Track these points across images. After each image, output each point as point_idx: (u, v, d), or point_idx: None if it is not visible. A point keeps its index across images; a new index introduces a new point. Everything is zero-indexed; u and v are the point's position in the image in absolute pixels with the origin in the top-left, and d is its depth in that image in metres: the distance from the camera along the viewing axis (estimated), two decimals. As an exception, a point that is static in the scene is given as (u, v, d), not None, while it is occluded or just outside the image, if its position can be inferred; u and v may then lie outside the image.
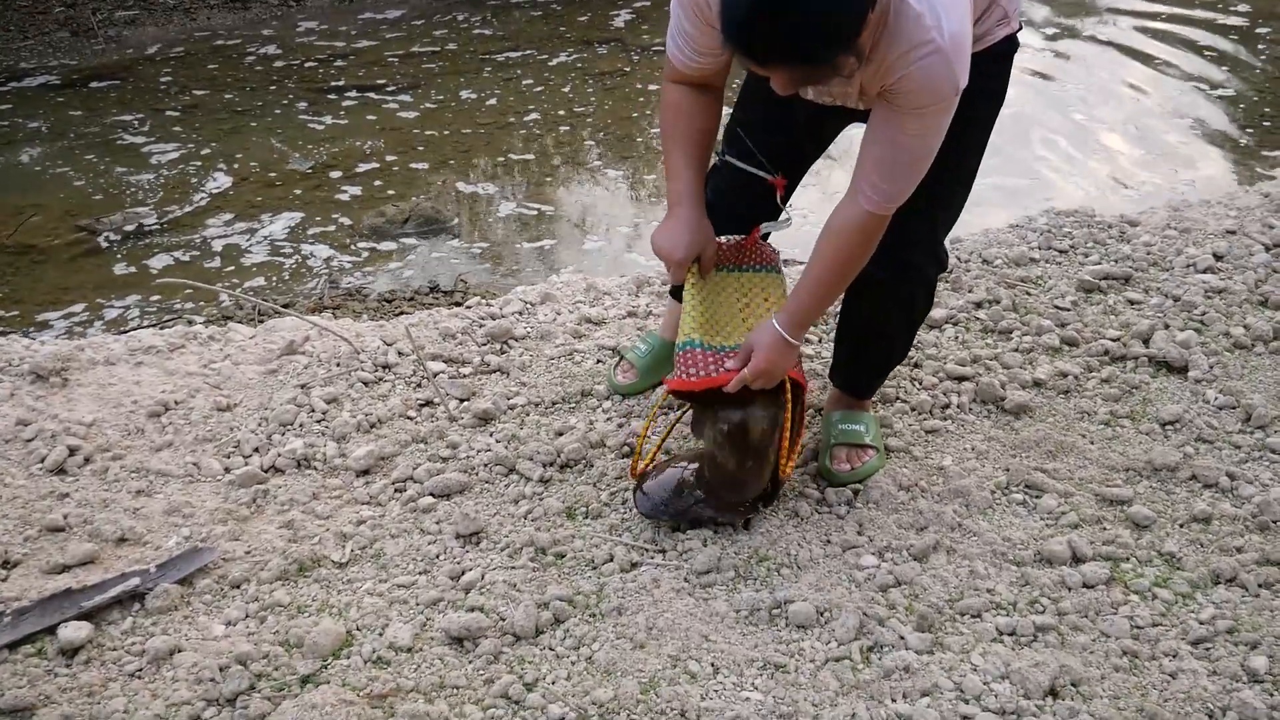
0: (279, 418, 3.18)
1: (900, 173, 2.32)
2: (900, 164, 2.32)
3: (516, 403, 3.23)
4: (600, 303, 3.88)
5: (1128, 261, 3.88)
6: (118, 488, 2.92)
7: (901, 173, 2.32)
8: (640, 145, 6.45)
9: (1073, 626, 2.40)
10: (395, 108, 7.14)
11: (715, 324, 2.68)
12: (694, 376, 2.53)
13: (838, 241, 2.45)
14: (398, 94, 7.38)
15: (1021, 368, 3.29)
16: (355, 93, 7.39)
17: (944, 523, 2.70)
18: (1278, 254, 3.90)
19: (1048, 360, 3.33)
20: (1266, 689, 2.23)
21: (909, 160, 2.31)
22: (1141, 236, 4.11)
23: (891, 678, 2.27)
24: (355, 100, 7.26)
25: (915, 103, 2.23)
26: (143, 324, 4.42)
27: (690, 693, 2.23)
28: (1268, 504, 2.71)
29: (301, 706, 2.21)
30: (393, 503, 2.87)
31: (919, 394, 3.17)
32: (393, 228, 5.35)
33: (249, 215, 5.58)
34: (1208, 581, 2.53)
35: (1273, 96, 6.77)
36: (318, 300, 4.59)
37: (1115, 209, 4.60)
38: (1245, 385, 3.20)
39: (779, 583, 2.54)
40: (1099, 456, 2.94)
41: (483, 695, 2.26)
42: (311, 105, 7.18)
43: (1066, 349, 3.40)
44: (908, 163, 2.31)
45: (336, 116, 6.98)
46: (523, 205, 5.70)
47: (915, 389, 3.21)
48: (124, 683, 2.31)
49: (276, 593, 2.56)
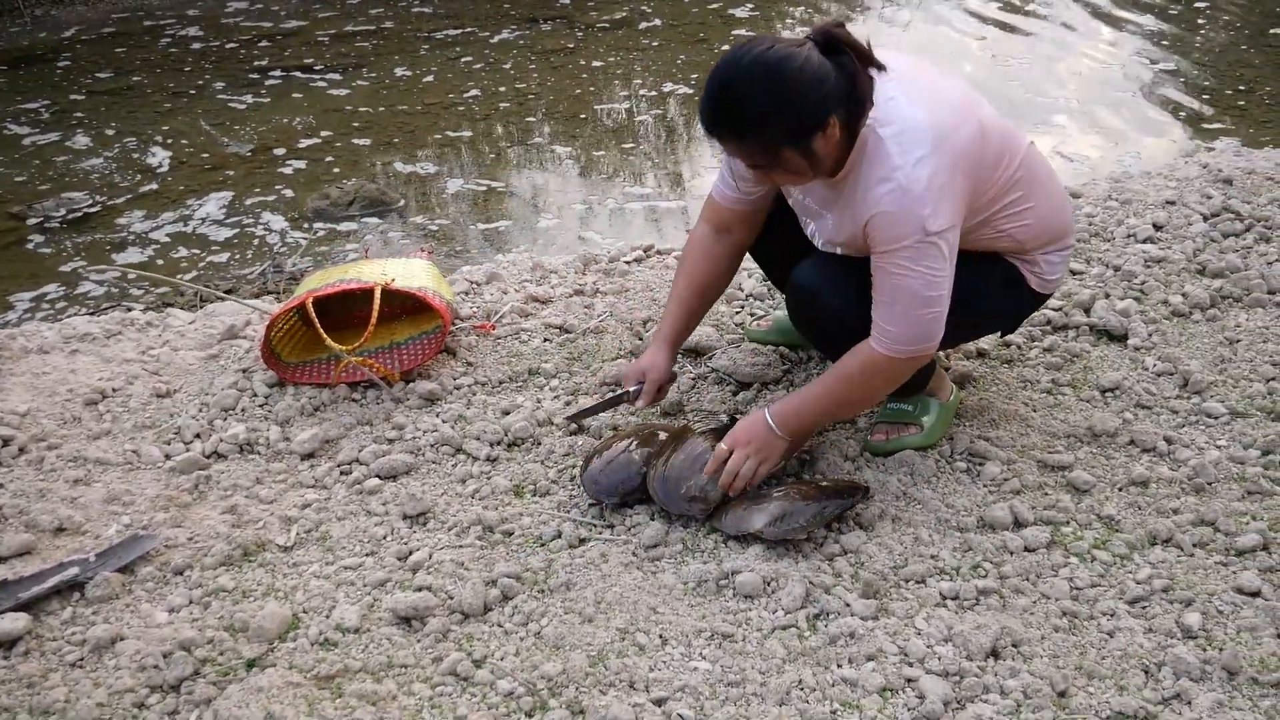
0: (220, 403, 3.15)
1: (897, 315, 2.42)
2: (894, 305, 2.42)
3: (463, 383, 3.21)
4: (547, 281, 3.87)
5: (1068, 232, 3.92)
6: (54, 477, 2.87)
7: (899, 315, 2.42)
8: (587, 124, 6.43)
9: (1014, 589, 2.43)
10: (324, 86, 7.08)
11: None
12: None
13: (841, 367, 2.56)
14: (326, 73, 7.32)
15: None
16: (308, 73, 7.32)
17: (889, 491, 2.72)
18: (1215, 224, 3.95)
19: (990, 330, 3.36)
20: (1200, 644, 2.27)
21: (903, 300, 2.40)
22: (1083, 208, 4.15)
23: (837, 644, 2.28)
24: (283, 79, 7.19)
25: (884, 240, 2.36)
26: (78, 311, 4.36)
27: (639, 664, 2.24)
28: (1203, 467, 2.75)
29: (248, 690, 2.19)
30: (338, 485, 2.85)
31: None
32: (337, 210, 5.30)
33: (187, 200, 5.50)
34: (1145, 543, 2.57)
35: (1213, 70, 6.85)
36: (261, 285, 4.54)
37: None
38: (1183, 352, 3.25)
39: (726, 555, 2.55)
40: (1041, 424, 2.97)
41: (431, 673, 2.25)
42: (246, 87, 7.10)
43: (1008, 319, 3.43)
44: (902, 303, 2.40)
45: (274, 97, 6.90)
46: (469, 185, 5.67)
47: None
48: (65, 673, 2.28)
49: (220, 578, 2.53)
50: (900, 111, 2.35)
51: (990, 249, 2.63)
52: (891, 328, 2.43)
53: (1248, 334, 3.32)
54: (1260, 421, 2.95)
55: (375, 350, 3.33)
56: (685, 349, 3.29)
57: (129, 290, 4.63)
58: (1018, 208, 2.55)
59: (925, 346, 2.46)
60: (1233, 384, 3.11)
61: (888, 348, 2.45)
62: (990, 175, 2.46)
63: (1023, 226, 2.59)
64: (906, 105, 2.35)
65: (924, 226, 2.30)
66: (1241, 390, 3.08)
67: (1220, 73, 6.79)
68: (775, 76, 2.25)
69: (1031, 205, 2.57)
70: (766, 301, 3.59)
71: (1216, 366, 3.19)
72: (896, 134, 2.33)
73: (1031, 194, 2.57)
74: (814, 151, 2.33)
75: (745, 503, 2.60)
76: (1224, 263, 3.66)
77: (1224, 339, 3.32)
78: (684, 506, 2.63)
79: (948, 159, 2.32)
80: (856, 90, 2.32)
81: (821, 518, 2.55)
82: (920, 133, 2.32)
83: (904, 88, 2.38)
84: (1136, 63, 7.07)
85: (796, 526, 2.52)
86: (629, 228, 5.12)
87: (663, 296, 3.66)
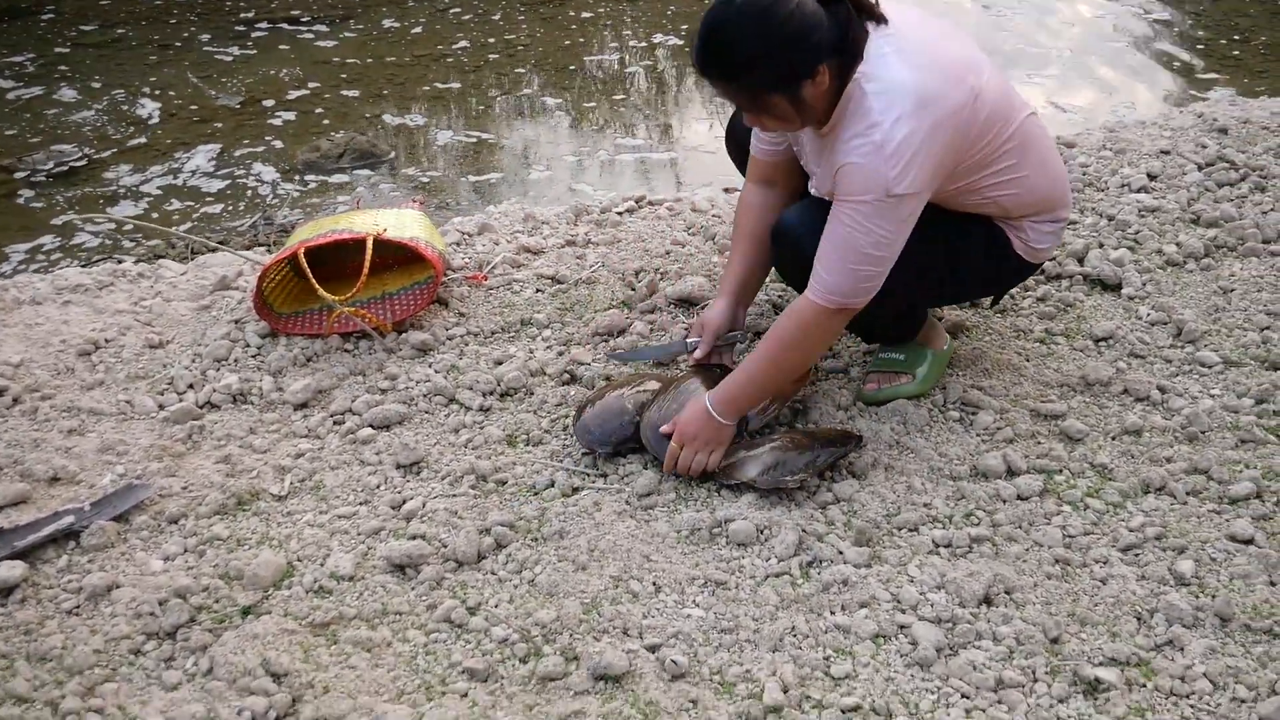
0: (213, 353, 3.14)
1: (836, 264, 2.41)
2: (836, 252, 2.41)
3: (456, 333, 3.21)
4: (539, 232, 3.86)
5: (1062, 182, 3.91)
6: (48, 427, 2.87)
7: (838, 265, 2.41)
8: (578, 75, 6.38)
9: (1007, 537, 2.44)
10: (311, 38, 7.01)
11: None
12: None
13: (777, 328, 2.55)
14: (313, 24, 7.24)
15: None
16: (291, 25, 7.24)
17: (882, 440, 2.73)
18: (1210, 173, 3.94)
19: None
20: (1192, 591, 2.29)
21: (848, 253, 2.39)
22: (1078, 158, 4.14)
23: (830, 591, 2.30)
24: (269, 31, 7.11)
25: (846, 189, 2.36)
26: (70, 263, 4.33)
27: (632, 611, 2.25)
28: (1196, 415, 2.76)
29: (243, 637, 2.20)
30: (331, 435, 2.85)
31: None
32: (328, 162, 5.26)
33: (176, 152, 5.46)
34: (1138, 491, 2.58)
35: (1208, 19, 6.82)
36: (252, 236, 4.52)
37: (1052, 131, 4.59)
38: (1177, 301, 3.25)
39: (719, 503, 2.56)
40: (1034, 373, 2.97)
41: (425, 620, 2.26)
42: (233, 39, 7.02)
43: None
44: (842, 252, 2.40)
45: (261, 49, 6.83)
46: (459, 137, 5.63)
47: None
48: (61, 620, 2.28)
49: (215, 527, 2.54)
50: (889, 69, 2.33)
51: (976, 212, 2.62)
52: (829, 276, 2.43)
53: (1242, 283, 3.32)
54: (1254, 370, 2.96)
55: (367, 301, 3.32)
56: (677, 298, 3.29)
57: (121, 242, 4.61)
58: (1006, 175, 2.53)
59: (854, 301, 2.45)
60: (1226, 333, 3.11)
61: (821, 295, 2.44)
62: (977, 142, 2.44)
63: (1010, 195, 2.57)
64: (897, 64, 2.33)
65: (888, 187, 2.30)
66: (1235, 339, 3.08)
67: (1215, 22, 6.75)
68: (765, 21, 2.24)
69: (1023, 175, 2.55)
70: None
71: (1210, 316, 3.19)
72: (880, 91, 2.31)
73: (1024, 163, 2.55)
74: (802, 99, 2.34)
75: (739, 451, 2.61)
76: (1218, 212, 3.65)
77: (1218, 288, 3.32)
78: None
79: (928, 123, 2.30)
80: (848, 41, 2.31)
81: (814, 467, 2.56)
82: (904, 93, 2.30)
83: (899, 45, 2.36)
84: (1130, 13, 7.03)
85: (788, 475, 2.52)
86: (620, 179, 5.10)
87: (655, 247, 3.65)
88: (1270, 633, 2.17)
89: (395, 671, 2.15)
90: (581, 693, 2.09)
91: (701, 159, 3.09)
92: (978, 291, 2.93)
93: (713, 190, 4.45)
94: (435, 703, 2.07)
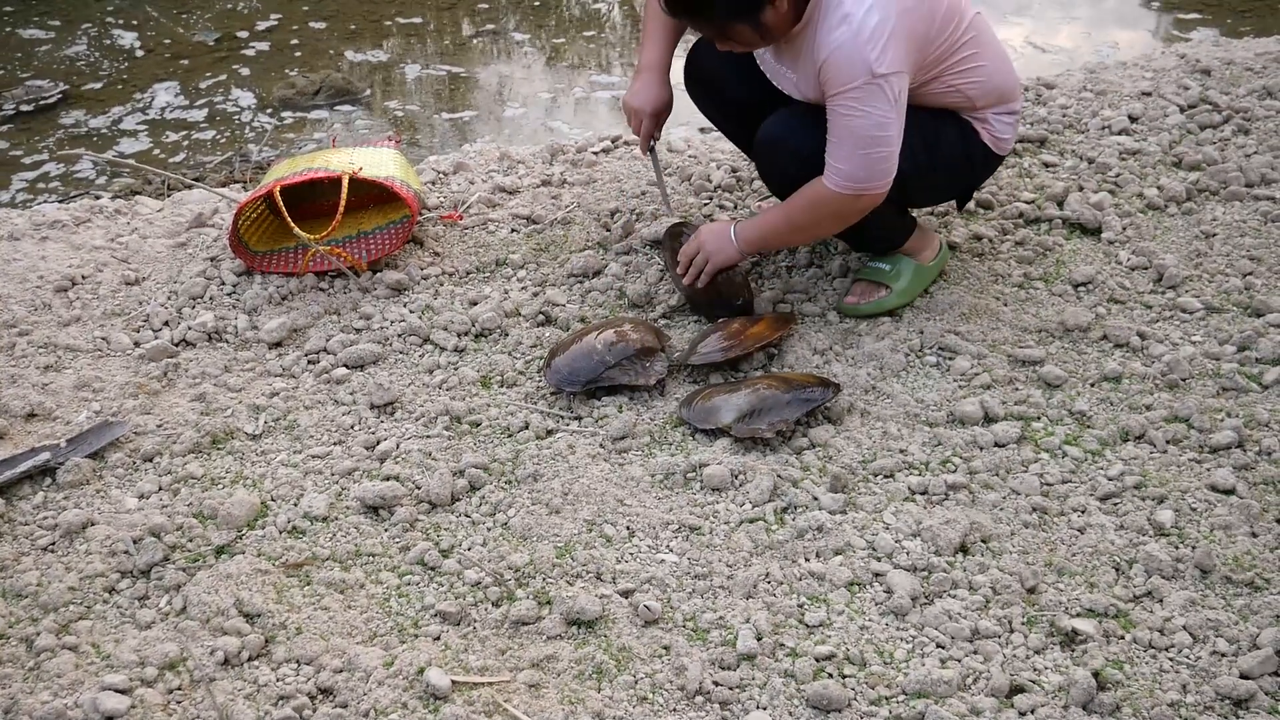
0: (189, 291, 3.11)
1: (845, 153, 2.57)
2: (844, 143, 2.57)
3: (430, 273, 3.18)
4: (514, 171, 3.82)
5: (1043, 124, 3.88)
6: (25, 363, 2.85)
7: (848, 153, 2.57)
8: (552, 12, 6.30)
9: (984, 485, 2.43)
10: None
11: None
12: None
13: (794, 200, 2.74)
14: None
15: (936, 231, 3.28)
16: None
17: (858, 385, 2.72)
18: (1193, 115, 3.91)
19: (962, 224, 3.34)
20: (1172, 541, 2.28)
21: (853, 139, 2.55)
22: (1057, 99, 4.10)
23: (805, 537, 2.30)
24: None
25: (834, 81, 2.52)
26: (47, 199, 4.28)
27: (606, 555, 2.25)
28: (1177, 362, 2.75)
29: (217, 576, 2.20)
30: (306, 374, 2.84)
31: (834, 258, 3.17)
32: (303, 99, 5.20)
33: (152, 87, 5.39)
34: (1117, 439, 2.57)
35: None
36: (228, 173, 4.47)
37: (1032, 72, 4.58)
38: (1158, 246, 3.24)
39: (694, 447, 2.55)
40: (1012, 318, 2.96)
41: (399, 562, 2.26)
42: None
43: (981, 212, 3.41)
44: (848, 141, 2.56)
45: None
46: (433, 72, 5.56)
47: (831, 253, 3.20)
48: (36, 556, 2.28)
49: (189, 465, 2.53)
50: None
51: (942, 104, 2.78)
52: (842, 165, 2.58)
53: (1224, 228, 3.30)
54: (1236, 317, 2.95)
55: (343, 240, 3.28)
56: (653, 240, 3.26)
57: (96, 179, 4.55)
58: (969, 65, 2.71)
59: (873, 185, 2.60)
60: (1208, 279, 3.10)
61: (837, 184, 2.60)
62: (941, 33, 2.61)
63: (974, 84, 2.74)
64: None
65: (871, 69, 2.46)
66: (1217, 285, 3.07)
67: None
68: None
69: (982, 64, 2.73)
70: (735, 193, 3.54)
71: (1192, 261, 3.17)
72: None
73: (983, 54, 2.73)
74: (764, 24, 2.52)
75: (714, 394, 2.60)
76: (1201, 155, 3.63)
77: (1200, 233, 3.29)
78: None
79: (896, 7, 2.47)
80: None
81: (788, 419, 2.55)
82: None
83: None
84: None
85: (763, 426, 2.52)
86: (595, 118, 5.05)
87: (630, 187, 3.61)
88: (1251, 585, 2.16)
89: (368, 613, 2.15)
90: (554, 637, 2.09)
91: (677, 98, 3.06)
92: (953, 184, 3.01)
93: (688, 130, 4.40)
94: (408, 645, 2.07)
